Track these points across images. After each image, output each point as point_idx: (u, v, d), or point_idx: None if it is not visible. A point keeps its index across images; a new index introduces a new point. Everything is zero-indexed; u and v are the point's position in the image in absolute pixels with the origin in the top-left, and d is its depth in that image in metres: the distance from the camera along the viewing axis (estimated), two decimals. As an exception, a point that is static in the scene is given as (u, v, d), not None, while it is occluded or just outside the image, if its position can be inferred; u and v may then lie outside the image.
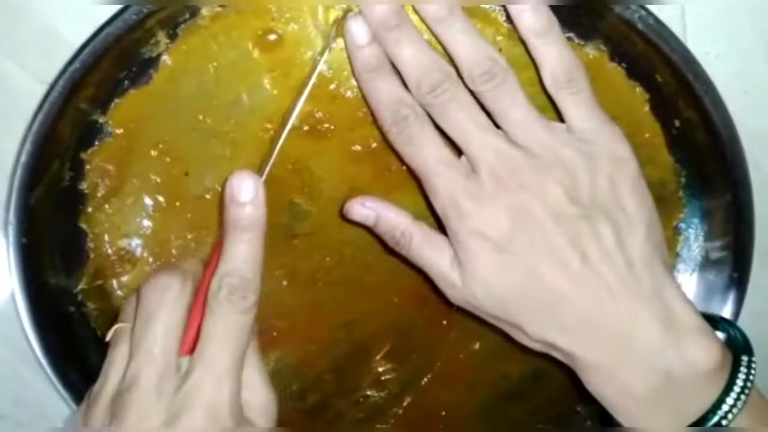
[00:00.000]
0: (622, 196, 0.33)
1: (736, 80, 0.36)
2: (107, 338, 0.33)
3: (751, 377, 0.32)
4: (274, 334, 0.40)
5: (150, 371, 0.30)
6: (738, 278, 0.39)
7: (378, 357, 0.41)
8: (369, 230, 0.37)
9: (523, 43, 0.34)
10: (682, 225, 0.41)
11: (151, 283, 0.32)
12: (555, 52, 0.33)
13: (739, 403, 0.31)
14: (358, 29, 0.34)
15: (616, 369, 0.33)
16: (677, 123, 0.38)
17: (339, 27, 0.35)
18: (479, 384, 0.42)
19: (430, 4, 0.33)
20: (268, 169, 0.35)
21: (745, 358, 0.33)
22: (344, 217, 0.36)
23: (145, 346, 0.31)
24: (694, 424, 0.32)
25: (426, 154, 0.34)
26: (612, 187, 0.33)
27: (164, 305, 0.31)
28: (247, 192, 0.32)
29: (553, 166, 0.33)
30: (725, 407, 0.31)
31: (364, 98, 0.35)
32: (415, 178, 0.35)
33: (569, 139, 0.33)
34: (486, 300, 0.34)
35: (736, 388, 0.32)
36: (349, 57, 0.35)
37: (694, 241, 0.41)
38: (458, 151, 0.34)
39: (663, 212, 0.40)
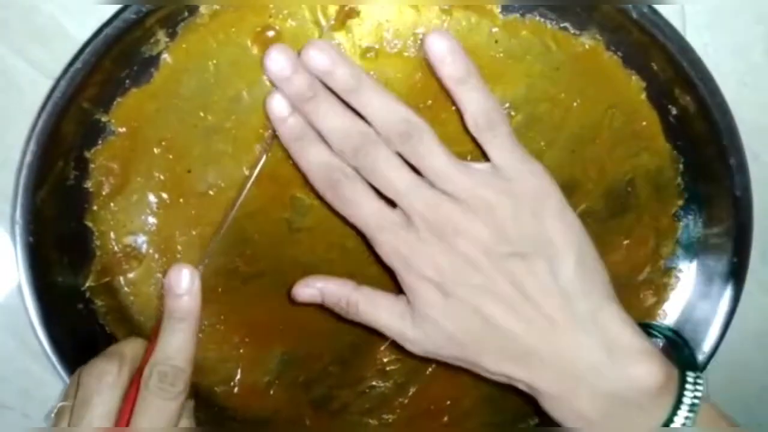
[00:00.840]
0: (548, 228, 0.34)
1: (734, 73, 0.36)
2: (52, 414, 0.35)
3: (698, 393, 0.33)
4: (280, 327, 0.41)
5: None
6: (737, 264, 0.40)
7: (382, 348, 0.42)
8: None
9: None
10: (681, 212, 0.41)
11: (90, 369, 0.34)
12: (475, 98, 0.34)
13: (688, 422, 0.33)
14: (278, 104, 0.35)
15: (566, 396, 0.34)
16: (674, 110, 0.38)
17: (338, 21, 0.36)
18: (483, 374, 0.42)
19: (338, 77, 0.34)
20: (205, 261, 0.37)
21: (692, 374, 0.34)
22: (294, 302, 0.38)
23: (81, 429, 0.33)
24: None
25: (364, 213, 0.35)
26: (537, 221, 0.34)
27: (100, 391, 0.33)
28: (184, 284, 0.35)
29: (479, 209, 0.34)
30: (676, 424, 0.33)
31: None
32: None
33: (490, 180, 0.34)
34: (443, 344, 0.36)
35: (684, 407, 0.33)
36: (275, 130, 0.36)
37: (693, 227, 0.41)
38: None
39: (661, 199, 0.40)
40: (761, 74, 0.43)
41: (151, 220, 0.39)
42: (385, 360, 0.42)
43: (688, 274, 0.42)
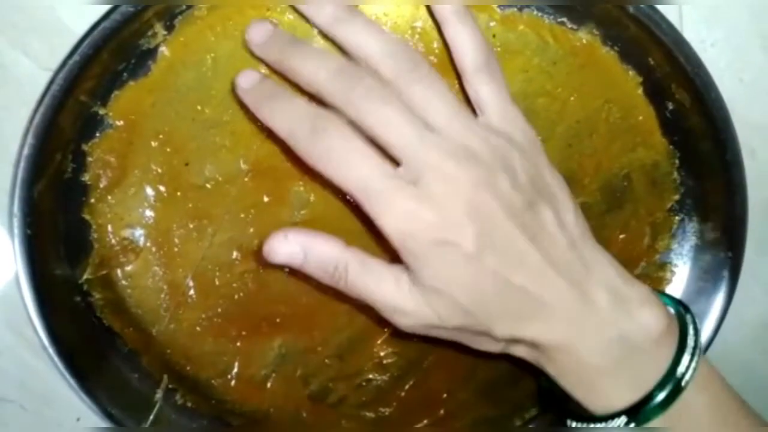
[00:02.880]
0: (546, 177, 0.33)
1: (731, 69, 0.36)
2: None
3: (698, 333, 0.33)
4: (278, 320, 0.41)
5: None
6: (732, 258, 0.40)
7: (379, 341, 0.42)
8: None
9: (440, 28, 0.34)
10: (677, 206, 0.41)
11: None
12: (471, 35, 0.33)
13: (694, 362, 0.32)
14: (246, 75, 0.34)
15: (574, 345, 0.33)
16: (670, 105, 0.38)
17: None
18: (479, 366, 0.42)
19: (319, 9, 0.32)
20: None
21: (688, 316, 0.34)
22: (265, 263, 0.33)
23: None
24: (657, 387, 0.32)
25: (359, 170, 0.30)
26: (538, 170, 0.33)
27: None
28: None
29: (494, 159, 0.31)
30: (682, 367, 0.32)
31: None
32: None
33: (495, 130, 0.32)
34: (451, 314, 0.32)
35: (690, 343, 0.33)
36: (244, 104, 0.34)
37: (688, 222, 0.41)
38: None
39: (657, 194, 0.41)
40: (758, 71, 0.43)
41: (149, 213, 0.39)
42: (382, 353, 0.42)
43: (683, 268, 0.42)
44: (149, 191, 0.38)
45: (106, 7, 0.34)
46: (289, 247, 0.32)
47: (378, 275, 0.32)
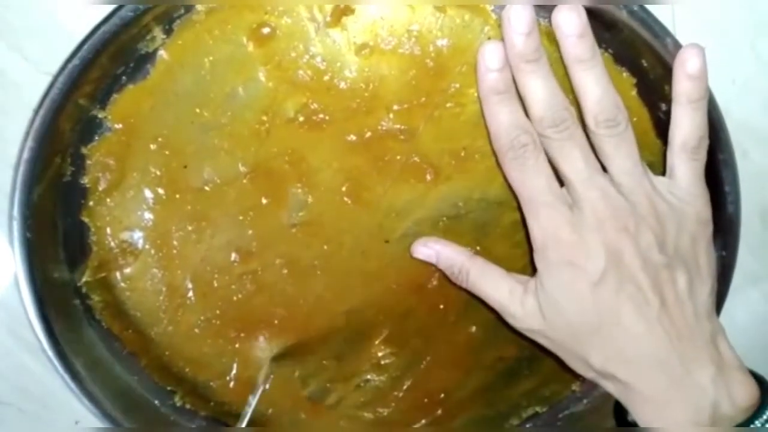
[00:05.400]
0: (698, 253, 0.36)
1: (723, 70, 0.36)
2: None
3: None
4: (276, 321, 0.41)
5: None
6: (726, 258, 0.40)
7: (377, 342, 0.42)
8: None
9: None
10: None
11: None
12: (693, 122, 0.36)
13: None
14: (493, 53, 0.35)
15: (670, 402, 0.35)
16: (663, 106, 0.38)
17: (333, 18, 0.36)
18: (476, 366, 0.43)
19: (581, 44, 0.35)
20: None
21: None
22: (413, 256, 0.40)
23: None
24: None
25: (537, 182, 0.36)
26: (693, 245, 0.36)
27: None
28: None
29: (649, 216, 0.35)
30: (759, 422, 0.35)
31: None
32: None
33: (667, 195, 0.36)
34: (558, 328, 0.36)
35: (763, 417, 0.35)
36: (477, 78, 0.36)
37: (683, 221, 0.41)
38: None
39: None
40: (750, 72, 0.43)
41: (148, 215, 0.39)
42: (380, 354, 0.42)
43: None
44: (148, 194, 0.38)
45: (105, 12, 0.34)
46: (427, 250, 0.39)
47: (494, 282, 0.38)
